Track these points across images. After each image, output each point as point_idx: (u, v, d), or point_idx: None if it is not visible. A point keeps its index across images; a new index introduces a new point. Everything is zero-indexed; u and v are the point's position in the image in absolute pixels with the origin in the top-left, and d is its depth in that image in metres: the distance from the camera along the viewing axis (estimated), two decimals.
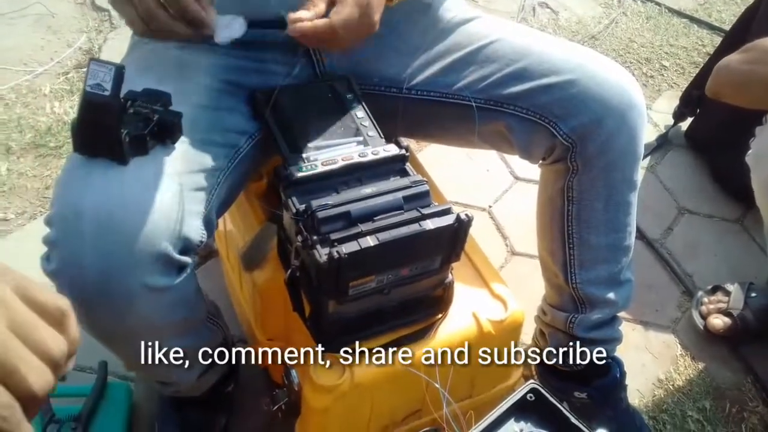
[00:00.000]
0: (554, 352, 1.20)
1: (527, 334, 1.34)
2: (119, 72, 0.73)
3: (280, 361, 1.04)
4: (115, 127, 0.75)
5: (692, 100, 1.83)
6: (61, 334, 0.41)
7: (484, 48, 1.00)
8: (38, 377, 0.38)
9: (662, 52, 2.25)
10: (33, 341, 0.39)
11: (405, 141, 0.89)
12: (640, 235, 1.66)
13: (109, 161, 0.76)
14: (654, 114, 2.02)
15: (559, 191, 1.03)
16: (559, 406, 0.77)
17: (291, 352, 1.03)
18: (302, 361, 0.97)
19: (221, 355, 1.09)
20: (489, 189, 1.75)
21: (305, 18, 0.80)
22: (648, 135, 1.90)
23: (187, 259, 0.81)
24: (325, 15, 0.81)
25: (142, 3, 0.74)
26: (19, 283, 0.40)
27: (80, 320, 0.81)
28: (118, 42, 1.99)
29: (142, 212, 0.75)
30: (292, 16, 0.81)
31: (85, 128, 0.75)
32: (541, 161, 1.04)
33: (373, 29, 0.85)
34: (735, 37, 1.68)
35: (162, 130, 0.78)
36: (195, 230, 0.81)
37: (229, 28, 0.83)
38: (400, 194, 0.84)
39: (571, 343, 1.16)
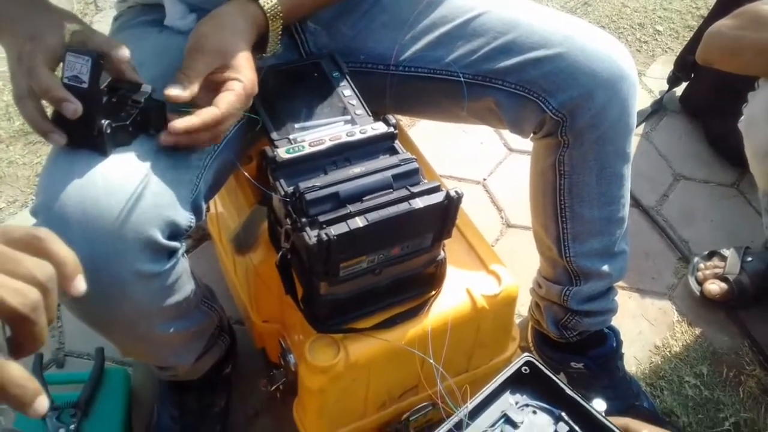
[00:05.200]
0: (549, 324, 1.20)
1: (523, 306, 1.35)
2: (97, 62, 0.71)
3: (276, 343, 1.05)
4: (94, 119, 0.74)
5: (686, 65, 1.81)
6: (45, 258, 0.46)
7: (472, 21, 0.99)
8: (16, 295, 0.43)
9: (656, 17, 2.22)
10: (9, 270, 0.44)
11: (394, 118, 0.88)
12: (636, 202, 1.65)
13: (103, 155, 0.76)
14: (648, 80, 2.00)
15: (550, 165, 1.02)
16: (554, 377, 0.77)
17: (286, 333, 1.03)
18: (297, 343, 0.98)
19: (217, 337, 1.10)
20: (483, 162, 1.74)
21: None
22: (642, 101, 1.88)
23: (176, 244, 0.81)
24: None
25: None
26: None
27: (72, 309, 0.82)
28: (104, 26, 1.96)
29: (127, 199, 0.75)
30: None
31: (65, 121, 0.74)
32: (532, 135, 1.03)
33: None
34: (728, 0, 1.66)
35: (145, 120, 0.77)
36: (182, 215, 0.80)
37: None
38: (389, 173, 0.83)
39: (566, 315, 1.16)
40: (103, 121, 0.74)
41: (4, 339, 0.44)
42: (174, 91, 0.77)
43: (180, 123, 0.76)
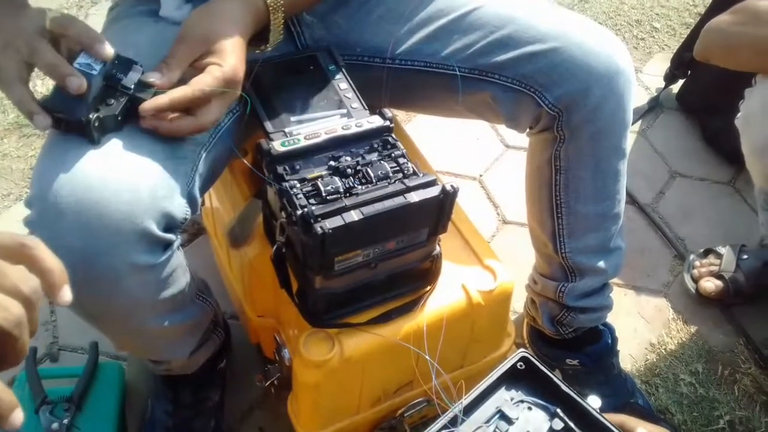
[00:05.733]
0: (545, 320, 1.20)
1: (519, 302, 1.35)
2: (114, 59, 0.75)
3: (270, 338, 1.04)
4: (89, 108, 0.74)
5: (683, 62, 1.81)
6: (32, 268, 0.45)
7: (468, 15, 0.98)
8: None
9: (653, 14, 2.22)
10: None
11: (390, 112, 0.88)
12: (632, 199, 1.65)
13: (92, 143, 0.76)
14: (645, 77, 2.00)
15: (546, 161, 1.02)
16: (549, 373, 0.76)
17: (281, 328, 1.03)
18: (292, 337, 0.97)
19: (211, 331, 1.10)
20: (479, 158, 1.73)
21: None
22: (639, 98, 1.88)
23: (171, 236, 0.80)
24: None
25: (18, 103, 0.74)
26: None
27: None
28: (99, 17, 1.94)
29: (122, 190, 0.74)
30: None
31: (60, 102, 0.74)
32: (528, 130, 1.03)
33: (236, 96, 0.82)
34: None
35: (136, 108, 0.77)
36: (178, 207, 0.80)
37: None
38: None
39: (561, 312, 1.16)
40: (91, 116, 0.74)
41: None
42: (151, 77, 0.77)
43: (148, 103, 0.76)
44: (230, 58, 0.79)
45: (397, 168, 0.83)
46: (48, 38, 0.75)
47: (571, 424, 0.71)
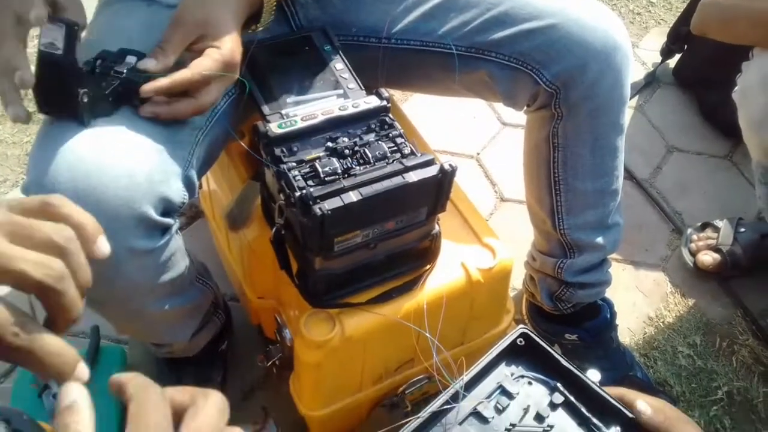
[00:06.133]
0: (544, 296, 1.21)
1: (518, 279, 1.35)
2: (71, 30, 0.71)
3: (271, 319, 1.05)
4: (71, 86, 0.73)
5: (680, 37, 1.80)
6: (61, 222, 0.42)
7: None
8: (38, 267, 0.39)
9: None
10: (26, 237, 0.40)
11: (387, 92, 0.88)
12: (629, 175, 1.65)
13: (81, 125, 0.75)
14: (641, 52, 1.99)
15: (544, 138, 1.02)
16: (549, 349, 0.77)
17: (281, 309, 1.03)
18: (293, 318, 0.98)
19: (212, 314, 1.10)
20: (477, 136, 1.73)
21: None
22: (636, 73, 1.87)
23: (169, 220, 0.81)
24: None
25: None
26: (9, 202, 0.43)
27: None
28: (92, 1, 1.93)
29: (119, 175, 0.74)
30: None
31: (43, 88, 0.73)
32: (525, 108, 1.02)
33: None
34: None
35: (129, 91, 0.77)
36: (175, 191, 0.80)
37: None
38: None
39: (560, 288, 1.16)
40: (80, 90, 0.73)
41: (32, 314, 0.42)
42: (147, 64, 0.77)
43: (149, 85, 0.76)
44: (227, 41, 0.79)
45: (395, 148, 0.83)
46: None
47: (571, 398, 0.72)
